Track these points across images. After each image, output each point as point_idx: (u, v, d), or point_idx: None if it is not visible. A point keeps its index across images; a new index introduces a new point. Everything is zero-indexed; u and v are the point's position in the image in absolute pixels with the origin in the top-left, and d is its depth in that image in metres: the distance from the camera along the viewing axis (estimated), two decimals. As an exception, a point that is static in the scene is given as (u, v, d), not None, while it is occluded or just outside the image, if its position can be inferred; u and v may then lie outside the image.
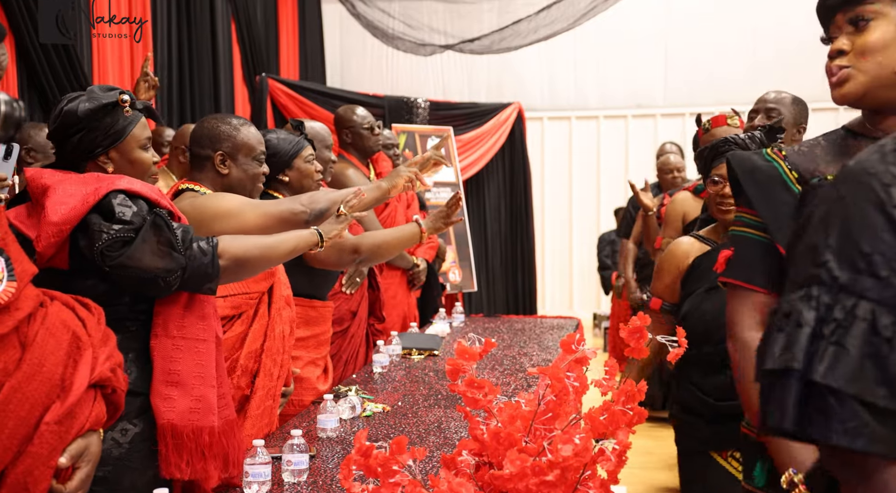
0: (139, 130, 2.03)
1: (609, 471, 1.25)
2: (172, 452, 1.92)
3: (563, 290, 9.79)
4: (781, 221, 1.52)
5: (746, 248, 1.59)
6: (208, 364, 1.99)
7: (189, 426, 1.94)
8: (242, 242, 2.05)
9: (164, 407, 1.92)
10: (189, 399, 1.95)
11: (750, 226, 1.59)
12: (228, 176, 2.47)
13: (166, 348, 1.95)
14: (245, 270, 2.09)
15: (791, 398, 0.83)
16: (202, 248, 1.94)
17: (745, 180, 1.59)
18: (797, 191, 1.53)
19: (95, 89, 1.99)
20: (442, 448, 2.32)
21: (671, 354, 1.38)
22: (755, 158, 1.60)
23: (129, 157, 2.01)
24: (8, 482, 1.55)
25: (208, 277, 1.95)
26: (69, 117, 1.94)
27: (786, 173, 1.55)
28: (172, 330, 1.96)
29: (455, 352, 1.31)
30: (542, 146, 9.55)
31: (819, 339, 0.83)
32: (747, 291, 1.56)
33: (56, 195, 1.84)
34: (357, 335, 3.65)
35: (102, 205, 1.85)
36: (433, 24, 8.03)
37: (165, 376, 1.94)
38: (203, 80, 6.30)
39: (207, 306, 2.04)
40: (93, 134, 1.95)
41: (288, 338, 2.63)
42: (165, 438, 1.92)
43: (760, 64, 8.59)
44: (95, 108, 1.95)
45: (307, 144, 3.00)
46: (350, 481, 1.24)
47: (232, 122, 2.50)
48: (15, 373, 1.55)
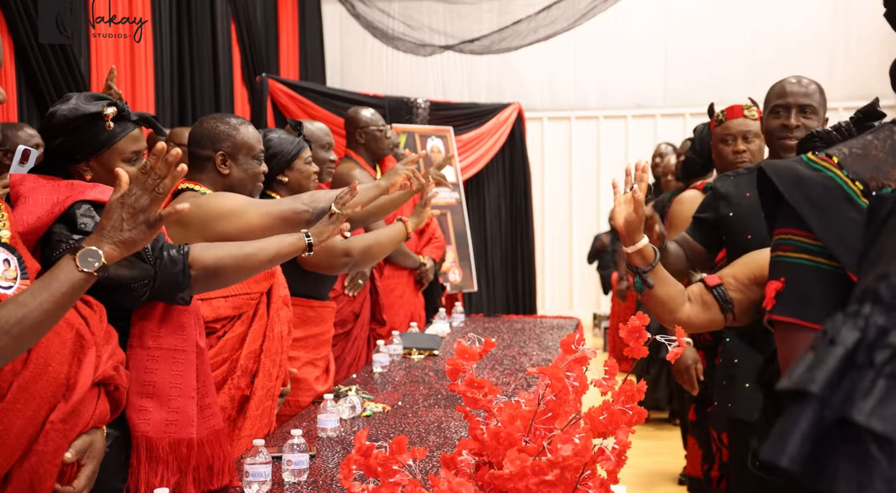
0: (125, 144, 1.96)
1: (609, 471, 1.25)
2: (144, 465, 1.87)
3: (563, 290, 9.79)
4: (849, 242, 1.24)
5: (803, 278, 1.29)
6: (187, 375, 1.95)
7: (165, 438, 1.89)
8: (215, 251, 1.99)
9: (139, 419, 1.88)
10: (165, 411, 1.90)
11: (804, 251, 1.30)
12: (230, 176, 2.48)
13: (141, 360, 1.91)
14: (219, 279, 2.02)
15: (797, 430, 0.67)
16: (172, 257, 1.89)
17: (794, 195, 1.29)
18: (863, 205, 1.24)
19: (82, 97, 1.95)
20: (442, 448, 2.32)
21: (670, 354, 1.37)
22: (798, 166, 1.32)
23: (109, 168, 1.93)
24: (14, 480, 1.55)
25: (179, 286, 1.90)
26: (49, 121, 1.92)
27: (847, 185, 1.28)
28: (148, 341, 1.92)
29: (455, 352, 1.31)
30: (541, 146, 9.55)
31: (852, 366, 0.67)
32: (809, 331, 1.27)
33: (25, 205, 1.81)
34: (360, 337, 3.65)
35: (67, 215, 1.81)
36: (433, 24, 8.02)
37: (140, 387, 1.89)
38: (203, 81, 6.29)
39: (186, 316, 1.99)
40: (71, 142, 1.92)
41: (286, 338, 2.63)
42: (139, 451, 1.87)
43: (760, 64, 8.58)
44: (73, 117, 1.90)
45: (306, 146, 3.01)
46: (350, 480, 1.24)
47: (231, 121, 2.50)
48: (22, 372, 1.56)
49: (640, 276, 1.98)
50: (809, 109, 2.56)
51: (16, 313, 1.40)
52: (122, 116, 1.96)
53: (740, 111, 3.03)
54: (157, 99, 5.70)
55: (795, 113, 2.55)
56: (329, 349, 3.16)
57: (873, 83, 9.01)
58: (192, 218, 2.21)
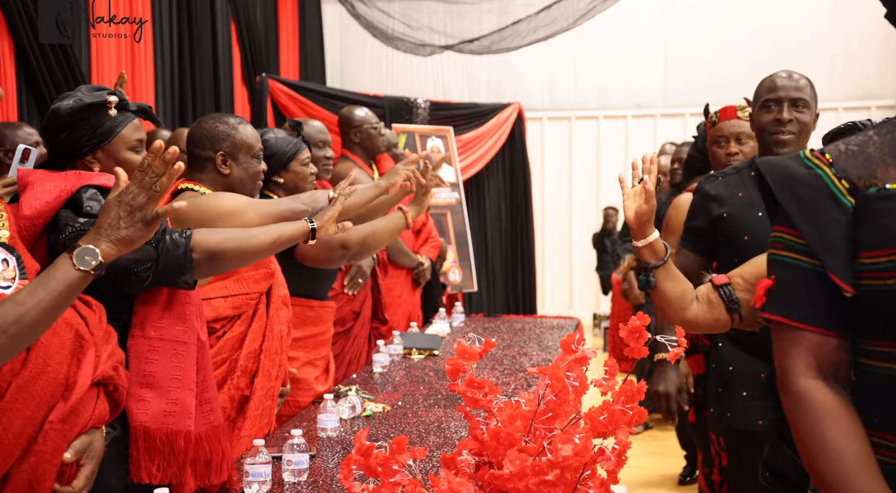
0: (128, 132, 1.99)
1: (609, 471, 1.25)
2: (143, 455, 1.88)
3: (562, 290, 9.79)
4: (831, 244, 1.24)
5: (791, 277, 1.30)
6: (187, 367, 1.96)
7: (163, 429, 1.90)
8: (217, 235, 2.00)
9: (137, 409, 1.89)
10: (164, 402, 1.91)
11: (793, 250, 1.30)
12: (230, 176, 2.48)
13: (142, 349, 1.92)
14: (221, 262, 2.03)
15: None
16: (175, 240, 1.90)
17: (783, 193, 1.30)
18: (849, 205, 1.25)
19: (83, 89, 1.98)
20: (442, 448, 2.32)
21: (670, 354, 1.37)
22: (792, 164, 1.32)
23: (116, 157, 1.97)
24: (12, 480, 1.55)
25: (181, 269, 1.91)
26: (54, 116, 1.94)
27: (833, 183, 1.27)
28: (149, 331, 1.93)
29: (455, 352, 1.31)
30: (541, 146, 9.56)
31: None
32: (796, 330, 1.28)
33: (33, 191, 1.83)
34: (360, 336, 3.65)
35: (74, 199, 1.83)
36: (433, 24, 8.03)
37: (140, 377, 1.90)
38: (203, 81, 6.30)
39: (189, 308, 2.00)
40: (77, 133, 1.94)
41: (285, 338, 2.63)
42: (137, 441, 1.88)
43: (760, 64, 8.57)
44: (79, 107, 1.93)
45: (304, 147, 2.99)
46: (350, 480, 1.24)
47: (229, 121, 2.50)
48: (21, 372, 1.56)
49: (647, 273, 1.93)
50: (801, 103, 2.49)
51: (14, 312, 1.40)
52: (122, 105, 1.99)
53: (733, 112, 2.97)
54: (157, 99, 5.70)
55: (788, 107, 2.48)
56: (329, 349, 3.16)
57: (873, 83, 9.04)
58: (190, 218, 2.21)
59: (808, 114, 2.51)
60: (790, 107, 2.48)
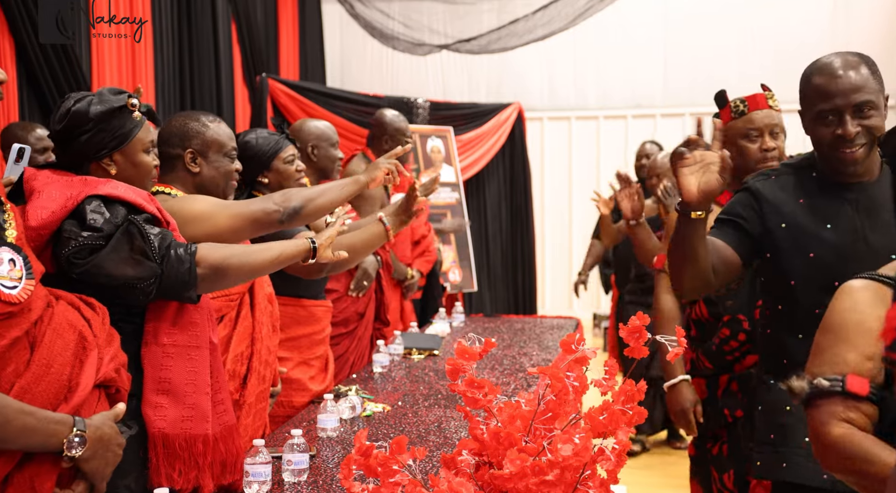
0: (144, 134, 2.02)
1: (609, 471, 1.25)
2: (163, 461, 1.88)
3: (563, 290, 9.78)
4: None
5: None
6: (202, 371, 1.96)
7: (182, 434, 1.91)
8: (222, 251, 2.00)
9: (155, 416, 1.89)
10: (181, 407, 1.92)
11: None
12: (200, 174, 2.39)
13: (156, 356, 1.92)
14: (225, 278, 2.03)
15: None
16: (179, 255, 1.89)
17: None
18: None
19: (105, 91, 1.99)
20: (442, 448, 2.32)
21: (670, 354, 1.37)
22: None
23: (132, 160, 2.00)
24: (14, 482, 1.56)
25: (185, 285, 1.91)
26: (78, 118, 1.93)
27: None
28: (162, 338, 1.93)
29: (455, 352, 1.31)
30: (541, 146, 9.55)
31: None
32: None
33: (39, 200, 1.82)
34: (364, 337, 3.65)
35: (78, 211, 1.82)
36: (432, 24, 8.02)
37: (156, 384, 1.91)
38: (203, 81, 6.29)
39: (199, 313, 2.01)
40: (100, 136, 1.94)
41: (273, 338, 2.62)
42: (156, 447, 1.88)
43: (760, 64, 8.58)
44: (106, 110, 1.95)
45: (287, 145, 2.92)
46: (350, 480, 1.25)
47: (201, 118, 2.43)
48: (24, 374, 1.56)
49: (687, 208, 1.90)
50: (868, 106, 1.98)
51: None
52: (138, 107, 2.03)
53: (764, 101, 2.50)
54: (157, 99, 5.70)
55: (850, 117, 1.97)
56: (326, 348, 3.12)
57: (873, 83, 9.03)
58: None
59: (878, 112, 2.00)
60: (854, 116, 1.98)
